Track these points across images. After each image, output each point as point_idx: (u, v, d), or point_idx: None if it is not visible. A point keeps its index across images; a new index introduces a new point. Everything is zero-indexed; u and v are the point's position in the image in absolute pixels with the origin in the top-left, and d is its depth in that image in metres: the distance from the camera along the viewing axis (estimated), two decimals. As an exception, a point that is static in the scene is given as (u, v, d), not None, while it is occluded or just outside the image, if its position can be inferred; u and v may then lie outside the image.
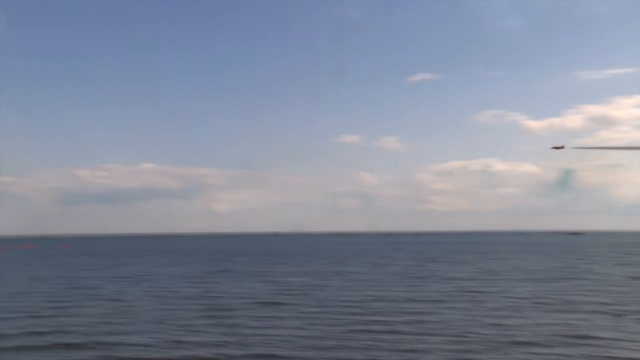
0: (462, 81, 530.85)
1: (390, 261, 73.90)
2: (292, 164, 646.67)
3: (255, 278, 48.40)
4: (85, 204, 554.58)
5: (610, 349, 18.82)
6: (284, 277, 48.94)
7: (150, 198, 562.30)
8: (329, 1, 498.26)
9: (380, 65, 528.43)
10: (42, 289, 40.75)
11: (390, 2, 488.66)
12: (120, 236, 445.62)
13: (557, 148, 31.49)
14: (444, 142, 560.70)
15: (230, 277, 49.37)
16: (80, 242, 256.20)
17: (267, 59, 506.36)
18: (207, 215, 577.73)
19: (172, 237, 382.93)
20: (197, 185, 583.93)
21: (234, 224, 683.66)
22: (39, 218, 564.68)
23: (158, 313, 27.99)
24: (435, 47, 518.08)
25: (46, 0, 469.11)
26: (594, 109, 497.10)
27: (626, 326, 22.94)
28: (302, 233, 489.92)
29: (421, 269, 58.42)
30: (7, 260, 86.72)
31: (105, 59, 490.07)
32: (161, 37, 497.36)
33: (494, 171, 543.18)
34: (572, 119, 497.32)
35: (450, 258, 79.16)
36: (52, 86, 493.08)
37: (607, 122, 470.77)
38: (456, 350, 18.91)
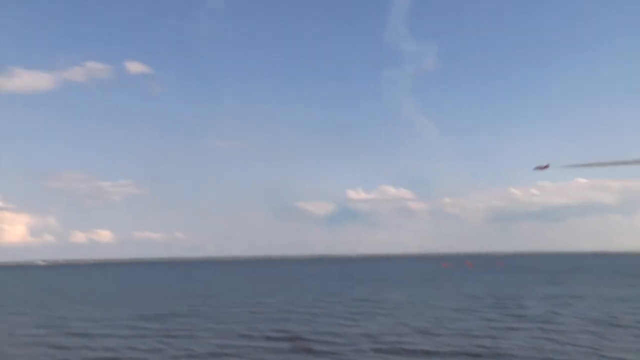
0: None
1: None
2: None
3: None
4: (518, 221, 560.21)
5: None
6: None
7: (585, 214, 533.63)
8: None
9: None
10: (474, 306, 42.42)
11: None
12: (553, 254, 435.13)
13: (541, 168, 33.35)
14: None
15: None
16: (513, 259, 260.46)
17: None
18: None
19: (609, 256, 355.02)
20: (637, 198, 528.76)
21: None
22: (473, 236, 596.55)
23: (593, 341, 25.71)
24: None
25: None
26: None
27: None
28: None
29: None
30: (448, 277, 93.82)
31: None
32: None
33: None
34: None
35: None
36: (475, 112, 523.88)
37: None
38: None
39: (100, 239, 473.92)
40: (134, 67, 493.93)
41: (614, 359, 21.58)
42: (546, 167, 34.45)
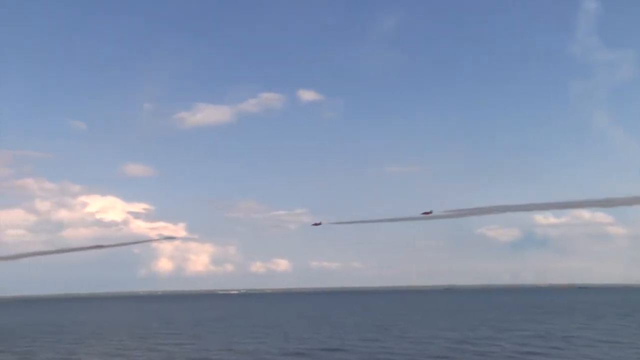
0: None
1: None
2: None
3: None
4: None
5: None
6: None
7: None
8: None
9: None
10: None
11: None
12: None
13: (316, 225, 48.31)
14: None
15: None
16: None
17: None
18: None
19: None
20: None
21: None
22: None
23: None
24: None
25: None
26: None
27: None
28: None
29: None
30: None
31: None
32: None
33: None
34: None
35: None
36: None
37: None
38: None
39: (277, 268, 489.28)
40: (306, 95, 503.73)
41: None
42: (319, 224, 46.52)
